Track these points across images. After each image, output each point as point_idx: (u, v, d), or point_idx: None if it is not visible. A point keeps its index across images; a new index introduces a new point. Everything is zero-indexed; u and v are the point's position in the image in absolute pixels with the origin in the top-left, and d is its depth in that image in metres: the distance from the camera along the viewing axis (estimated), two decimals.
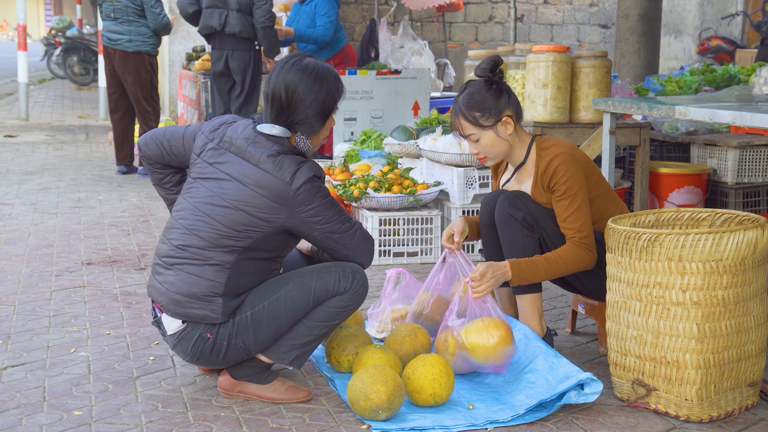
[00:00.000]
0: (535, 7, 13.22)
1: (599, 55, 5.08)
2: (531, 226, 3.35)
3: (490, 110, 3.37)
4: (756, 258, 2.94)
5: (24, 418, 2.94)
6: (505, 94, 3.39)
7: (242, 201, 2.97)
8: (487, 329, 3.14)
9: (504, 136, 3.40)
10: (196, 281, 2.97)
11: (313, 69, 3.04)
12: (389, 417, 2.91)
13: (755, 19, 13.23)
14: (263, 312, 3.01)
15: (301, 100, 3.01)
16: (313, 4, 8.00)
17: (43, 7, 49.34)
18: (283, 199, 2.96)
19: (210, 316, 2.98)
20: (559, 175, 3.32)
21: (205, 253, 2.98)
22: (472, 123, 3.39)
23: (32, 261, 5.01)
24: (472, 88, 3.41)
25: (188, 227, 3.03)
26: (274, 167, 2.96)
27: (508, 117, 3.39)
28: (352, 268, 3.09)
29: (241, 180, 2.99)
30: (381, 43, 10.37)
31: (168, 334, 3.07)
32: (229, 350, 3.03)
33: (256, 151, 3.00)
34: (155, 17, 7.70)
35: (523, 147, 3.46)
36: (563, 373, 3.06)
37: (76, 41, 18.25)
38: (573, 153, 3.38)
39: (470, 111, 3.38)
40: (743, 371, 2.99)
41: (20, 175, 8.05)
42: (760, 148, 5.67)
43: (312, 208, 2.98)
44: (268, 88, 3.05)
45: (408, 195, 5.08)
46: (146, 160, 3.33)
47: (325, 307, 3.05)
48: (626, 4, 8.04)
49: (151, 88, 7.92)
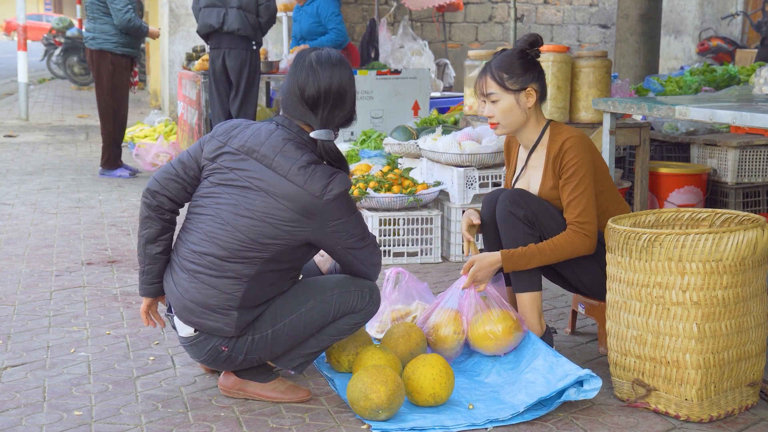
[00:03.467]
0: (535, 7, 13.22)
1: (599, 55, 5.08)
2: (532, 224, 3.35)
3: (518, 76, 3.40)
4: (756, 258, 2.94)
5: (24, 418, 2.94)
6: (536, 70, 3.44)
7: (268, 213, 2.86)
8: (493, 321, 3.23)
9: (524, 106, 3.42)
10: (212, 293, 2.91)
11: (340, 60, 2.97)
12: (389, 417, 2.91)
13: (755, 19, 13.23)
14: (283, 330, 2.99)
15: (351, 93, 2.96)
16: (315, 5, 8.00)
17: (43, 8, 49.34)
18: (312, 213, 2.86)
19: (223, 329, 2.94)
20: (568, 157, 3.34)
21: (224, 265, 2.89)
22: (498, 83, 3.41)
23: (32, 261, 5.01)
24: (507, 52, 3.46)
25: (208, 234, 2.91)
26: (305, 180, 2.84)
27: (533, 90, 3.41)
28: (370, 287, 3.08)
29: (268, 191, 2.86)
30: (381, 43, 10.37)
31: (180, 335, 3.07)
32: (245, 362, 3.03)
33: (285, 161, 2.87)
34: (116, 13, 7.57)
35: (538, 128, 3.48)
36: (562, 372, 3.07)
37: (76, 41, 18.24)
38: (585, 139, 3.41)
39: (499, 71, 3.41)
40: (743, 371, 2.99)
41: (20, 175, 8.05)
42: (760, 148, 5.67)
43: (340, 223, 2.92)
44: (317, 88, 2.89)
45: (408, 195, 5.07)
46: (159, 207, 2.99)
47: (338, 323, 3.06)
48: (626, 4, 8.04)
49: (112, 88, 7.81)
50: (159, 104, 13.81)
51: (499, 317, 3.27)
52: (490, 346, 3.28)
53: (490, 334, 3.25)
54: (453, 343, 3.31)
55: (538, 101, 3.46)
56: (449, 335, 3.30)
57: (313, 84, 2.91)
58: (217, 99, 7.49)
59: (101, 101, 7.94)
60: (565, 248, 3.30)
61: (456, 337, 3.30)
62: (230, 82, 7.40)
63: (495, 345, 3.27)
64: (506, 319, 3.27)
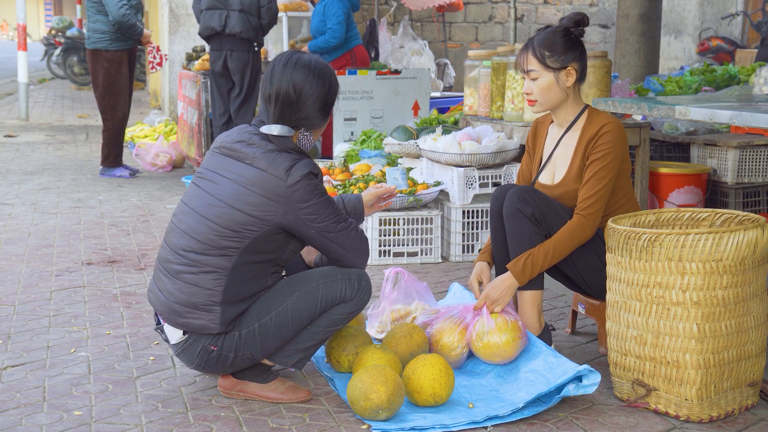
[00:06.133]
0: (535, 7, 13.22)
1: (599, 55, 5.08)
2: (539, 222, 3.35)
3: (559, 54, 3.40)
4: (756, 258, 2.94)
5: (24, 418, 2.94)
6: (578, 49, 3.43)
7: (238, 199, 2.95)
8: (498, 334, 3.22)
9: (563, 85, 3.42)
10: (194, 291, 2.95)
11: (315, 65, 3.05)
12: (389, 417, 2.91)
13: (755, 19, 13.23)
14: (271, 324, 3.00)
15: (308, 95, 3.02)
16: (323, 3, 8.02)
17: (43, 7, 49.34)
18: (279, 195, 2.94)
19: (208, 326, 2.96)
20: (603, 141, 3.35)
21: (202, 259, 2.95)
22: (538, 60, 3.41)
23: (32, 261, 5.01)
24: (551, 29, 3.45)
25: (185, 229, 3.01)
26: (268, 164, 2.95)
27: (573, 69, 3.41)
28: (357, 274, 3.09)
29: (237, 180, 2.98)
30: (381, 43, 10.37)
31: (171, 343, 3.07)
32: (236, 360, 3.03)
33: (250, 150, 3.00)
34: (111, 8, 7.57)
35: (576, 109, 3.48)
36: (562, 370, 3.07)
37: (76, 41, 18.24)
38: (623, 131, 3.42)
39: (540, 48, 3.41)
40: (743, 371, 2.99)
41: (20, 175, 8.05)
42: (760, 148, 5.67)
43: (308, 206, 2.96)
44: (271, 88, 3.02)
45: (408, 195, 5.07)
46: None
47: (329, 314, 3.06)
48: (626, 4, 8.04)
49: (107, 85, 7.84)
50: (159, 104, 13.81)
51: (504, 330, 3.23)
52: (496, 361, 3.27)
53: (495, 351, 3.23)
54: (457, 357, 3.30)
55: (578, 81, 3.45)
56: (453, 345, 3.29)
57: (275, 82, 3.02)
58: (218, 99, 7.49)
59: (98, 99, 7.98)
60: (570, 239, 3.30)
61: (461, 351, 3.29)
62: (231, 82, 7.41)
63: (501, 359, 3.25)
64: (512, 330, 3.23)
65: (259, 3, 7.20)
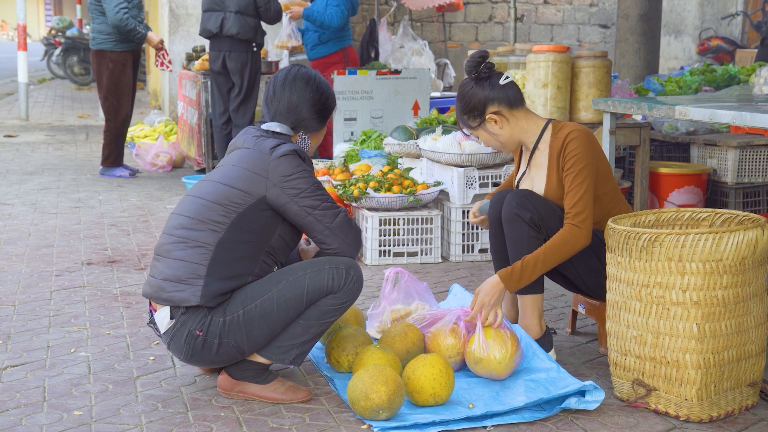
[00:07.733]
0: (535, 7, 13.22)
1: (599, 55, 5.08)
2: (538, 227, 3.33)
3: (473, 111, 3.41)
4: (756, 258, 2.94)
5: (24, 418, 2.94)
6: (487, 89, 3.38)
7: (226, 176, 3.11)
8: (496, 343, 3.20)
9: (495, 131, 3.41)
10: (181, 265, 3.01)
11: (314, 78, 3.26)
12: (389, 417, 2.91)
13: (755, 19, 13.22)
14: (255, 311, 3.00)
15: (306, 99, 3.23)
16: None
17: (43, 7, 49.34)
18: (264, 168, 3.06)
19: (189, 298, 2.97)
20: (570, 149, 3.32)
21: (190, 234, 3.03)
22: (465, 125, 3.49)
23: (32, 261, 5.01)
24: (460, 90, 3.47)
25: (179, 212, 3.15)
26: (256, 143, 3.13)
27: (493, 114, 3.39)
28: (346, 264, 3.08)
29: (229, 163, 3.17)
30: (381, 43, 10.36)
31: (161, 332, 3.07)
32: (222, 349, 3.02)
33: (246, 139, 3.20)
34: (109, 12, 7.58)
35: (536, 128, 3.45)
36: (564, 384, 3.08)
37: (76, 41, 18.24)
38: (588, 134, 3.38)
39: (460, 114, 3.47)
40: (743, 371, 2.99)
41: (20, 175, 8.05)
42: (760, 148, 5.68)
43: (292, 179, 3.05)
44: (274, 97, 3.22)
45: (408, 195, 5.08)
46: None
47: (319, 305, 3.05)
48: (626, 4, 8.04)
49: (112, 86, 7.85)
50: (159, 104, 13.81)
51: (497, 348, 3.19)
52: (494, 379, 3.25)
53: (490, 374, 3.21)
54: (452, 362, 3.28)
55: (512, 108, 3.40)
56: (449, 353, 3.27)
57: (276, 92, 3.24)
58: (218, 98, 7.50)
59: (102, 99, 7.98)
60: (562, 248, 3.25)
61: (454, 360, 3.28)
62: (231, 82, 7.42)
63: (498, 377, 3.23)
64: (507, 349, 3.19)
65: (255, 3, 7.21)
